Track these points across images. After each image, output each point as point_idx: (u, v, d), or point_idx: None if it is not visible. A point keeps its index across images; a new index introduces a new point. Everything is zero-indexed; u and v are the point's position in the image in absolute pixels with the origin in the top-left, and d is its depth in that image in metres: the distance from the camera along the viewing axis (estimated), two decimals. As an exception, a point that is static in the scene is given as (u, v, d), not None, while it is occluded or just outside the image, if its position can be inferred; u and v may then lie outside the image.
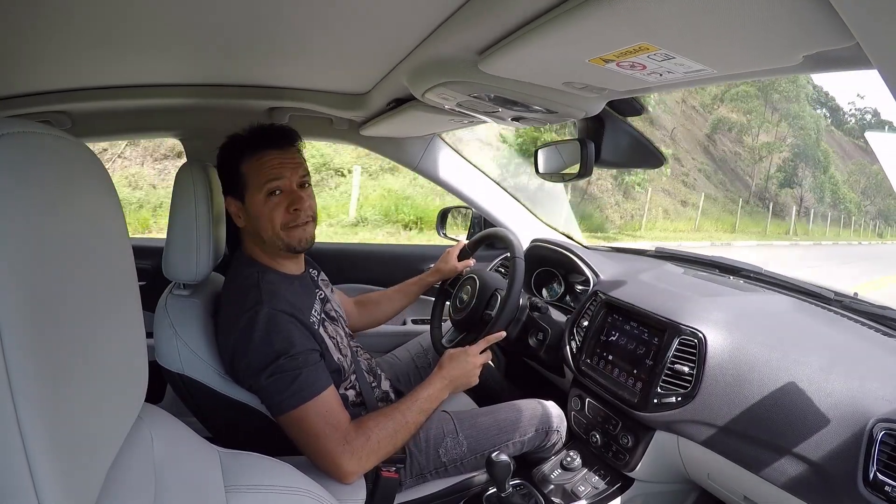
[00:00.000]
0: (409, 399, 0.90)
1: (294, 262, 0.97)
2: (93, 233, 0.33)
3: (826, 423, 0.71)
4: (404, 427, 0.86)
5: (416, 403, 0.89)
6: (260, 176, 0.88)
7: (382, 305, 1.30)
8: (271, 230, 0.89)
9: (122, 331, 0.36)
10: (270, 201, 0.88)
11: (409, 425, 0.87)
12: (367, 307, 1.29)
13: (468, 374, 0.98)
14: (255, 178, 0.89)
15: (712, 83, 0.59)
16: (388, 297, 1.32)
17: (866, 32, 0.32)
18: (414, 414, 0.88)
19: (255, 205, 0.89)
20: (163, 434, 0.46)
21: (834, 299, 0.98)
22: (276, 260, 0.94)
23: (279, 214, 0.89)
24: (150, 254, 1.40)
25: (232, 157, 0.91)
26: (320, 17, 0.66)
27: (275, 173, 0.88)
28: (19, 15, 0.63)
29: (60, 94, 1.07)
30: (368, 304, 1.30)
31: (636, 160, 0.97)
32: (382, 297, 1.32)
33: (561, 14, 0.45)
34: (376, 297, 1.32)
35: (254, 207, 0.89)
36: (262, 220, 0.89)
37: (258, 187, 0.88)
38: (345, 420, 0.81)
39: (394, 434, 0.84)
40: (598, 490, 1.02)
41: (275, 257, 0.94)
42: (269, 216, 0.88)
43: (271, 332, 0.80)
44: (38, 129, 0.30)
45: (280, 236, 0.90)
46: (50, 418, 0.27)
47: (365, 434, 0.81)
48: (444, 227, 1.73)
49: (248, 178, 0.89)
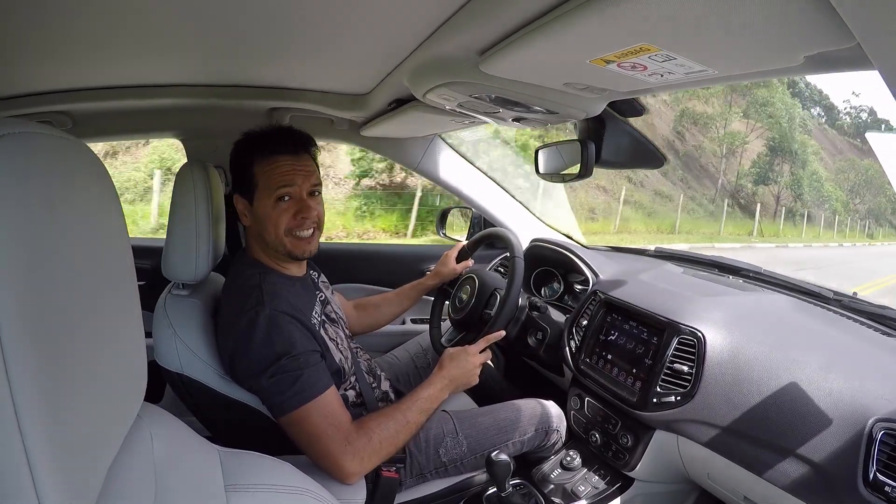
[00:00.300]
0: (409, 399, 0.90)
1: (296, 265, 0.97)
2: (93, 233, 0.33)
3: (826, 423, 0.71)
4: (405, 427, 0.86)
5: (416, 403, 0.89)
6: (271, 181, 0.88)
7: (381, 309, 1.30)
8: (275, 234, 0.89)
9: (121, 330, 0.36)
10: (279, 206, 0.88)
11: (409, 425, 0.87)
12: (367, 310, 1.29)
13: (468, 374, 0.98)
14: (266, 181, 0.89)
15: (713, 84, 0.59)
16: (387, 300, 1.32)
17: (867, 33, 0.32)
18: (415, 414, 0.88)
19: (263, 208, 0.89)
20: (163, 434, 0.46)
21: (833, 299, 0.98)
22: (278, 261, 0.94)
23: (285, 219, 0.89)
24: (150, 254, 1.40)
25: (245, 156, 0.91)
26: (321, 17, 0.66)
27: (286, 180, 0.88)
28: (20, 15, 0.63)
29: (61, 94, 1.07)
30: (367, 307, 1.29)
31: (637, 160, 0.97)
32: (382, 300, 1.32)
33: (562, 15, 0.45)
34: (375, 300, 1.32)
35: (261, 210, 0.90)
36: (267, 223, 0.89)
37: (268, 191, 0.88)
38: (346, 420, 0.82)
39: (395, 434, 0.85)
40: (598, 490, 1.02)
41: (277, 259, 0.94)
42: (275, 220, 0.89)
43: (272, 334, 0.80)
44: (39, 130, 0.30)
45: (283, 242, 0.90)
46: (50, 418, 0.27)
47: (367, 435, 0.81)
48: (444, 227, 1.73)
49: (259, 180, 0.89)
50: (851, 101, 66.09)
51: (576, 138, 0.97)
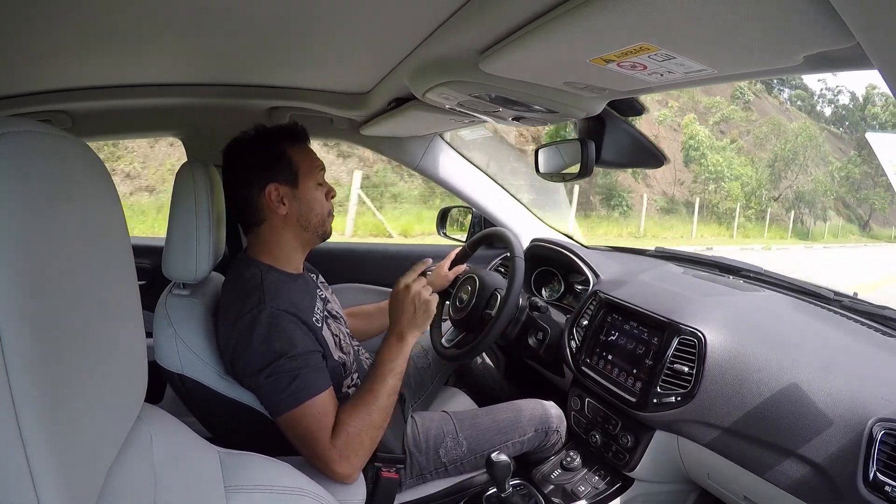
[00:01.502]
0: (371, 373, 0.86)
1: (297, 262, 0.97)
2: (93, 232, 0.33)
3: (826, 423, 0.71)
4: (376, 403, 0.83)
5: (379, 373, 0.85)
6: (311, 164, 0.94)
7: (374, 320, 1.28)
8: (321, 215, 0.94)
9: (121, 330, 0.36)
10: (320, 189, 0.95)
11: (380, 399, 0.83)
12: (360, 320, 1.26)
13: (414, 306, 0.91)
14: (307, 164, 0.93)
15: (713, 83, 0.59)
16: (381, 310, 1.28)
17: (866, 32, 0.32)
18: (381, 384, 0.84)
19: (309, 190, 0.93)
20: (163, 434, 0.46)
21: (833, 299, 0.98)
22: (280, 258, 0.93)
23: (325, 201, 0.95)
24: (150, 253, 1.40)
25: (276, 145, 0.92)
26: (321, 16, 0.66)
27: (319, 164, 0.96)
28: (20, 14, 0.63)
29: (61, 93, 1.07)
30: (361, 316, 1.27)
31: (637, 160, 0.97)
32: (375, 310, 1.29)
33: (562, 14, 0.45)
34: (369, 310, 1.29)
35: (307, 193, 0.93)
36: (314, 205, 0.93)
37: (311, 174, 0.93)
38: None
39: (369, 415, 0.81)
40: (598, 490, 1.02)
41: (281, 255, 0.93)
42: (322, 202, 0.94)
43: (273, 333, 0.80)
44: (39, 129, 0.30)
45: (325, 222, 0.96)
46: (49, 418, 0.27)
47: (344, 431, 0.79)
48: (444, 227, 1.73)
49: (300, 164, 0.92)
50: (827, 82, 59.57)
51: (576, 138, 0.97)
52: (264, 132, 0.93)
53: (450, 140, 1.53)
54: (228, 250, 1.00)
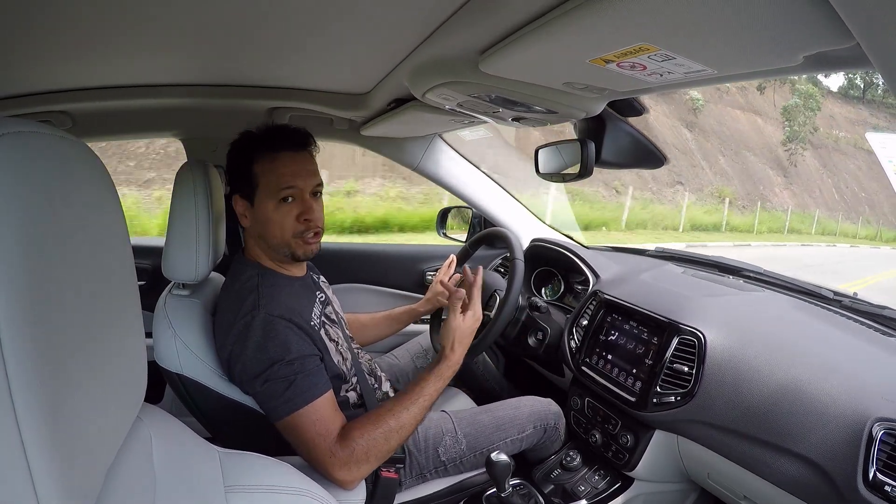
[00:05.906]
0: (408, 397, 0.85)
1: (297, 266, 0.96)
2: (93, 232, 0.33)
3: (825, 423, 0.71)
4: (398, 430, 0.82)
5: (419, 401, 0.85)
6: (274, 180, 0.85)
7: (368, 330, 1.27)
8: (280, 237, 0.87)
9: (121, 330, 0.36)
10: (282, 208, 0.86)
11: (404, 428, 0.83)
12: (354, 328, 1.24)
13: (468, 340, 0.94)
14: (268, 181, 0.85)
15: (713, 83, 0.59)
16: (375, 322, 1.28)
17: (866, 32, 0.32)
18: (413, 413, 0.84)
19: (265, 210, 0.86)
20: (162, 434, 0.46)
21: (833, 299, 0.98)
22: (279, 262, 0.93)
23: (290, 223, 0.86)
24: (150, 253, 1.40)
25: (244, 154, 0.87)
26: (321, 16, 0.66)
27: (289, 180, 0.85)
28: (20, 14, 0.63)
29: (61, 93, 1.07)
30: (355, 325, 1.25)
31: (637, 160, 0.97)
32: (370, 321, 1.28)
33: (561, 14, 0.45)
34: (364, 319, 1.28)
35: (263, 212, 0.86)
36: (271, 225, 0.86)
37: (271, 192, 0.85)
38: (336, 429, 0.79)
39: (385, 439, 0.80)
40: (598, 490, 1.02)
41: (278, 260, 0.93)
42: (280, 223, 0.86)
43: (267, 338, 0.79)
44: (39, 129, 0.30)
45: (289, 244, 0.88)
46: (49, 418, 0.27)
47: (349, 446, 0.78)
48: (444, 227, 1.73)
49: (261, 179, 0.86)
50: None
51: (576, 138, 0.97)
52: (247, 136, 0.89)
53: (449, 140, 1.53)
54: (228, 250, 1.00)
